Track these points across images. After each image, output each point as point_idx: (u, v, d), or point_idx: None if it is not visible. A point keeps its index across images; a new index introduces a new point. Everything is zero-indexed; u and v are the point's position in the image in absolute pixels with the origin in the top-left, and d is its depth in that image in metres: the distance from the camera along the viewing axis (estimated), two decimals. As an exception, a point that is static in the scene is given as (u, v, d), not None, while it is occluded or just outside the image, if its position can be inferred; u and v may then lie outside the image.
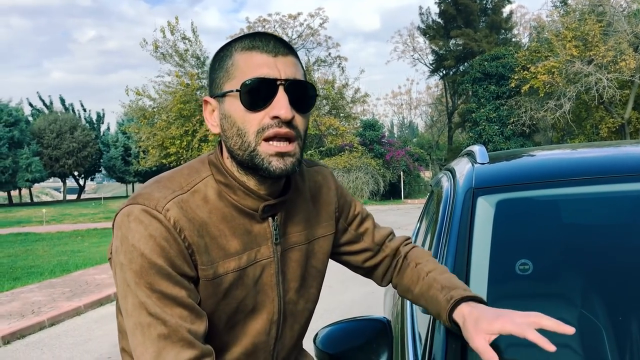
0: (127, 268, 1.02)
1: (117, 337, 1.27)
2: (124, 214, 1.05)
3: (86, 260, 11.45)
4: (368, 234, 1.39)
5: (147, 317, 1.01)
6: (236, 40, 1.10)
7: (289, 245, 1.21)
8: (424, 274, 1.30)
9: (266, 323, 1.19)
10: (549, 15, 26.80)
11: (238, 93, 1.05)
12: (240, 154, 1.08)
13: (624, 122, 24.17)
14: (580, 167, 1.79)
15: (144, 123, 28.06)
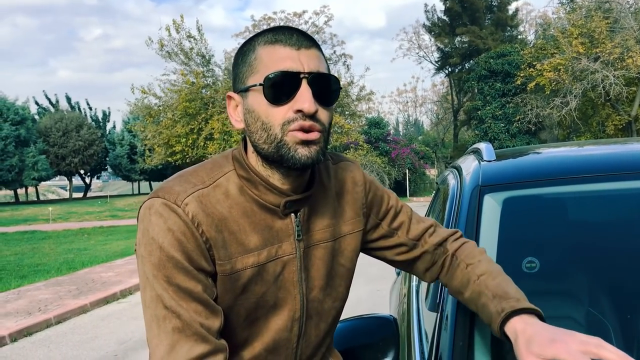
0: (147, 260, 1.03)
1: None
2: (146, 207, 1.07)
3: (92, 258, 11.49)
4: (402, 228, 1.34)
5: (163, 310, 1.02)
6: (259, 34, 1.10)
7: (313, 243, 1.19)
8: (474, 277, 1.23)
9: (288, 320, 1.17)
10: (555, 12, 26.71)
11: (261, 87, 1.05)
12: (266, 148, 1.07)
13: (630, 119, 24.03)
14: (587, 165, 1.79)
15: (150, 121, 28.07)
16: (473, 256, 1.28)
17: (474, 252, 1.30)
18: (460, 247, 1.32)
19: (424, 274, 1.35)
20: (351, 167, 1.32)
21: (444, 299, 1.39)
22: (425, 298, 1.68)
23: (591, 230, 1.68)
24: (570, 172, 1.70)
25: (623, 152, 2.02)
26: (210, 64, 28.23)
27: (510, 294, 1.14)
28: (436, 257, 1.33)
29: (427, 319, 1.55)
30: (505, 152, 2.14)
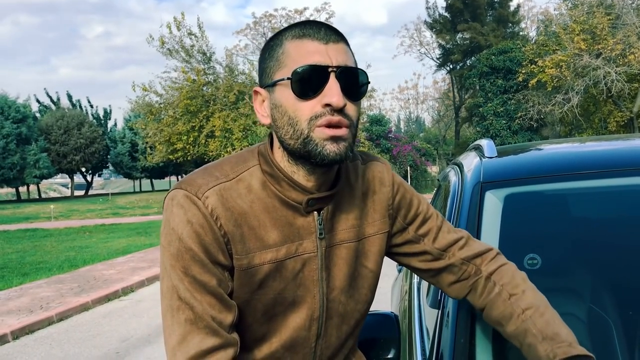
0: (166, 250, 1.05)
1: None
2: (169, 198, 1.08)
3: (94, 255, 11.50)
4: (429, 235, 1.26)
5: (177, 300, 1.03)
6: (287, 29, 1.09)
7: (336, 242, 1.17)
8: (519, 310, 1.14)
9: (306, 319, 1.16)
10: (557, 9, 26.67)
11: (289, 81, 1.04)
12: (292, 143, 1.06)
13: (632, 115, 23.98)
14: (589, 161, 1.78)
15: (151, 119, 28.08)
16: (516, 285, 1.19)
17: (516, 279, 1.21)
18: (497, 269, 1.23)
19: (448, 288, 1.27)
20: (380, 167, 1.28)
21: (444, 296, 1.39)
22: (426, 295, 1.68)
23: (593, 227, 1.68)
24: (572, 168, 1.69)
25: (624, 148, 2.02)
26: (211, 61, 28.22)
27: (562, 336, 1.08)
28: (464, 274, 1.24)
29: (428, 316, 1.54)
30: (507, 148, 2.13)
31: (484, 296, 1.21)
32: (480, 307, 1.23)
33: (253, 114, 26.78)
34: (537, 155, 2.04)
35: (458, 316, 1.27)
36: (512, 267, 1.24)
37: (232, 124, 26.38)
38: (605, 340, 1.35)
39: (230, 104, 27.12)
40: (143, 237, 14.57)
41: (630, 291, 1.45)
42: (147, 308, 7.26)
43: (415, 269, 1.30)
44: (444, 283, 1.27)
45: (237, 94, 26.98)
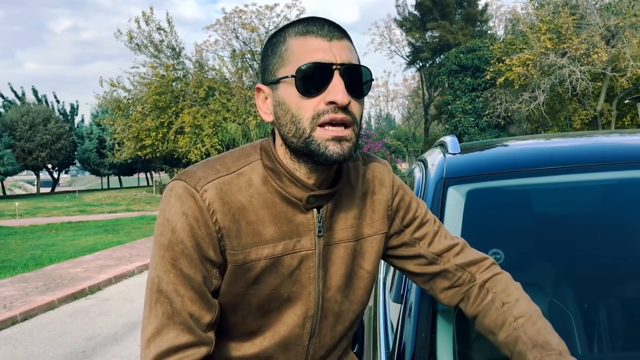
0: (157, 240, 1.06)
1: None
2: (168, 188, 1.08)
3: (60, 253, 11.29)
4: (425, 239, 1.25)
5: (158, 292, 1.04)
6: (289, 25, 1.08)
7: (334, 241, 1.16)
8: (511, 318, 1.14)
9: (301, 316, 1.15)
10: (524, 8, 27.03)
11: (293, 79, 1.03)
12: (295, 142, 1.06)
13: (596, 114, 24.51)
14: (550, 157, 1.82)
15: (119, 115, 27.72)
16: (509, 293, 1.19)
17: (510, 287, 1.21)
18: (491, 277, 1.23)
19: (441, 294, 1.25)
20: (380, 168, 1.27)
21: (407, 290, 1.41)
22: (389, 290, 1.69)
23: (554, 222, 1.72)
24: (534, 164, 1.73)
25: (585, 145, 2.06)
26: (180, 56, 27.96)
27: (552, 344, 1.08)
28: (458, 281, 1.23)
29: (392, 310, 1.56)
30: (470, 145, 2.17)
31: (476, 304, 1.21)
32: (472, 315, 1.22)
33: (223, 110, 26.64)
34: (499, 151, 2.08)
35: (420, 311, 1.29)
36: (507, 276, 1.23)
37: (202, 120, 26.18)
38: (565, 332, 1.37)
39: (200, 100, 26.90)
40: (111, 235, 14.36)
41: (590, 284, 1.49)
42: (114, 306, 7.16)
43: (409, 273, 1.29)
44: (437, 289, 1.25)
45: (207, 90, 26.77)
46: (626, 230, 1.60)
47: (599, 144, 2.06)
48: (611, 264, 1.50)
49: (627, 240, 1.58)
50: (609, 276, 1.49)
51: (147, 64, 27.12)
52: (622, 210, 1.68)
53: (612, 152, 1.87)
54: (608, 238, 1.58)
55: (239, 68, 28.80)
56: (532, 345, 1.08)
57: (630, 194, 1.71)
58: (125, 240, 13.14)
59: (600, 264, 1.51)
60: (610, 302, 1.44)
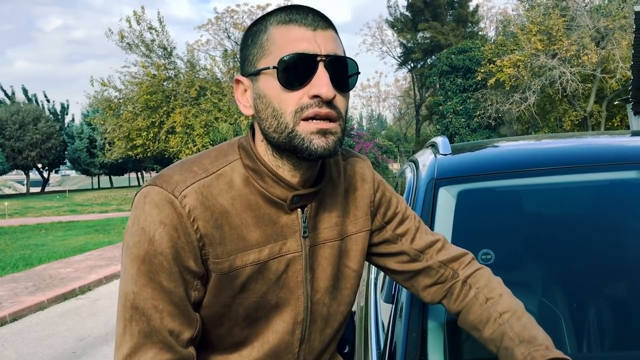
0: (131, 251, 0.97)
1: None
2: (141, 194, 0.99)
3: (50, 254, 11.23)
4: (407, 236, 1.22)
5: (133, 309, 0.96)
6: (271, 13, 1.02)
7: (320, 241, 1.11)
8: (496, 314, 1.12)
9: (290, 322, 1.09)
10: (515, 9, 27.27)
11: (274, 70, 0.97)
12: (277, 137, 1.00)
13: (586, 115, 24.68)
14: (540, 158, 1.83)
15: (110, 114, 27.63)
16: (492, 289, 1.17)
17: (492, 283, 1.19)
18: (473, 273, 1.20)
19: (424, 292, 1.22)
20: (361, 164, 1.23)
21: (398, 290, 1.41)
22: (381, 290, 1.70)
23: (544, 222, 1.73)
24: (524, 165, 1.74)
25: (575, 146, 2.08)
26: (172, 56, 27.91)
27: (539, 339, 1.06)
28: (441, 277, 1.21)
29: (384, 311, 1.57)
30: (461, 146, 2.18)
31: (460, 300, 1.18)
32: (456, 312, 1.19)
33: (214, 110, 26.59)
34: (490, 152, 2.09)
35: (411, 311, 1.30)
36: (488, 271, 1.22)
37: (193, 120, 26.13)
38: (555, 332, 1.39)
39: (192, 100, 26.86)
40: (101, 235, 14.30)
41: (580, 285, 1.50)
42: (104, 306, 7.13)
43: (391, 271, 1.25)
44: (419, 286, 1.22)
45: (198, 90, 26.74)
46: (615, 231, 1.62)
47: (588, 145, 2.07)
48: (601, 264, 1.51)
49: (617, 240, 1.59)
50: (599, 276, 1.50)
51: (138, 63, 27.06)
52: (612, 211, 1.69)
53: (601, 153, 1.88)
54: (598, 238, 1.59)
55: (230, 68, 28.76)
56: (519, 341, 1.05)
57: (620, 195, 1.72)
58: (116, 240, 13.08)
59: (589, 264, 1.52)
60: (599, 302, 1.45)
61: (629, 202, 1.69)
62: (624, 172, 1.71)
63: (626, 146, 2.04)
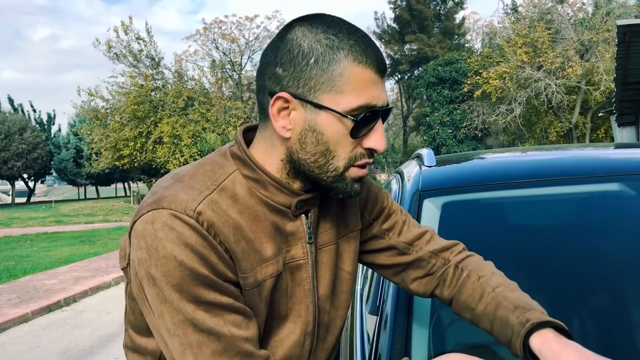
0: (164, 283, 0.88)
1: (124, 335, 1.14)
2: (146, 222, 0.91)
3: (35, 265, 11.10)
4: (395, 230, 1.21)
5: (197, 334, 0.90)
6: (342, 39, 0.94)
7: (319, 246, 1.08)
8: (489, 289, 1.10)
9: (300, 334, 1.05)
10: (501, 22, 27.50)
11: (348, 119, 0.93)
12: (317, 172, 0.98)
13: (571, 126, 24.94)
14: (524, 170, 1.85)
15: (97, 124, 27.55)
16: (483, 268, 1.16)
17: (482, 264, 1.18)
18: (465, 258, 1.20)
19: (415, 284, 1.21)
20: None
21: (383, 302, 1.42)
22: (366, 302, 1.70)
23: (529, 234, 1.74)
24: (507, 177, 1.76)
25: (559, 158, 2.10)
26: (159, 66, 27.92)
27: (534, 306, 1.04)
28: (432, 268, 1.20)
29: (369, 322, 1.57)
30: (446, 157, 2.19)
31: (453, 284, 1.17)
32: (449, 298, 1.17)
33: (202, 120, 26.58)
34: (474, 164, 2.11)
35: (395, 322, 1.30)
36: (478, 256, 1.22)
37: (181, 130, 26.11)
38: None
39: (179, 110, 26.85)
40: (87, 246, 14.18)
41: (564, 296, 1.51)
42: (90, 319, 7.06)
43: (379, 266, 1.24)
44: (410, 279, 1.21)
45: (186, 100, 26.74)
46: (599, 243, 1.63)
47: (571, 158, 2.10)
48: (585, 276, 1.52)
49: (600, 252, 1.60)
50: (583, 288, 1.51)
51: (125, 73, 27.06)
52: (596, 223, 1.71)
53: (584, 165, 1.90)
54: (582, 250, 1.60)
55: (218, 78, 28.80)
56: (514, 308, 1.04)
57: (604, 207, 1.74)
58: (102, 252, 12.98)
59: (573, 275, 1.54)
60: (583, 314, 1.46)
61: (612, 214, 1.71)
62: (607, 184, 1.73)
63: (609, 159, 2.07)
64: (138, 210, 0.95)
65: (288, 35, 0.96)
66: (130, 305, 1.06)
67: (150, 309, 0.94)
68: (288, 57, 0.94)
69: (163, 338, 0.94)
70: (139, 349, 1.09)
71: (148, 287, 0.91)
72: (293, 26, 0.97)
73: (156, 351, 1.05)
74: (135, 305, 1.03)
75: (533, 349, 0.98)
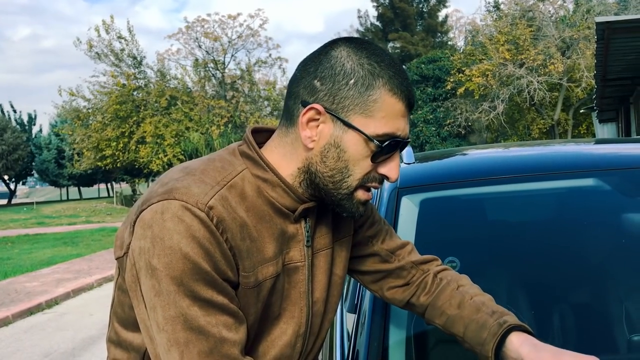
0: (163, 274, 0.89)
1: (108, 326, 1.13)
2: (156, 211, 0.91)
3: (16, 267, 10.99)
4: (378, 237, 1.23)
5: (186, 332, 0.90)
6: (383, 68, 0.99)
7: (315, 250, 1.10)
8: (468, 297, 1.15)
9: (292, 335, 1.06)
10: (483, 20, 27.62)
11: (374, 143, 0.97)
12: (329, 187, 1.00)
13: (553, 123, 25.19)
14: (502, 166, 1.85)
15: (78, 124, 27.32)
16: (462, 278, 1.22)
17: (460, 276, 1.23)
18: (443, 270, 1.25)
19: (390, 291, 1.23)
20: None
21: (361, 300, 1.41)
22: (344, 300, 1.70)
23: (508, 230, 1.75)
24: (485, 173, 1.76)
25: (537, 154, 2.11)
26: (142, 65, 27.73)
27: (510, 313, 1.11)
28: (412, 278, 1.23)
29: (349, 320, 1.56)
30: (426, 154, 2.20)
31: (431, 291, 1.20)
32: (425, 304, 1.20)
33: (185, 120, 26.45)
34: (453, 161, 2.11)
35: (373, 320, 1.30)
36: (455, 272, 1.26)
37: (164, 130, 25.96)
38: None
39: (162, 110, 26.70)
40: (69, 247, 14.05)
41: (543, 291, 1.51)
42: (72, 321, 6.99)
43: (361, 273, 1.25)
44: (388, 286, 1.23)
45: (169, 99, 26.59)
46: (578, 238, 1.64)
47: (550, 153, 2.11)
48: (564, 271, 1.53)
49: (580, 247, 1.61)
50: (563, 282, 1.52)
51: (107, 72, 26.83)
52: (575, 218, 1.72)
53: (563, 161, 1.91)
54: (561, 245, 1.61)
55: (201, 77, 28.67)
56: (492, 312, 1.10)
57: (583, 202, 1.75)
58: (85, 253, 12.87)
59: (553, 270, 1.54)
60: (563, 308, 1.47)
61: (591, 208, 1.72)
62: (586, 179, 1.74)
63: (589, 153, 2.08)
64: (146, 199, 0.95)
65: (333, 52, 0.99)
66: (119, 297, 1.05)
67: (143, 301, 0.93)
68: (329, 73, 0.98)
69: (150, 332, 0.94)
70: (123, 344, 1.08)
71: (145, 277, 0.91)
72: (339, 45, 1.00)
73: (141, 347, 1.04)
74: (124, 298, 1.02)
75: (510, 347, 1.04)
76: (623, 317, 1.41)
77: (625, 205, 1.73)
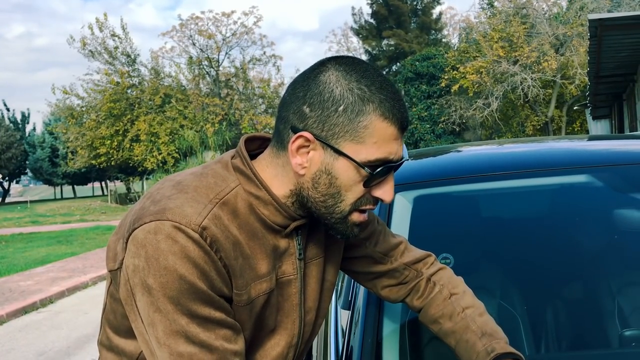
0: (160, 294, 0.89)
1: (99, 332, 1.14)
2: (148, 231, 0.91)
3: (10, 266, 10.94)
4: (371, 239, 1.23)
5: (188, 346, 0.90)
6: (374, 92, 0.96)
7: (307, 260, 1.10)
8: (459, 309, 1.16)
9: (285, 346, 1.07)
10: (477, 17, 27.67)
11: (365, 170, 0.96)
12: (322, 211, 1.00)
13: (547, 120, 25.26)
14: (496, 163, 1.86)
15: (72, 123, 27.21)
16: (456, 285, 1.21)
17: (455, 280, 1.23)
18: (437, 271, 1.24)
19: (384, 290, 1.24)
20: None
21: (355, 296, 1.42)
22: (338, 297, 1.70)
23: (501, 226, 1.75)
24: (479, 170, 1.76)
25: (531, 150, 2.12)
26: (136, 63, 27.62)
27: (499, 334, 1.12)
28: (405, 279, 1.23)
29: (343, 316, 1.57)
30: (419, 151, 2.20)
31: (424, 296, 1.21)
32: (418, 307, 1.22)
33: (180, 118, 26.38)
34: (446, 158, 2.12)
35: (367, 317, 1.31)
36: (450, 271, 1.25)
37: (158, 128, 25.88)
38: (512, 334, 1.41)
39: (156, 107, 26.61)
40: (64, 246, 14.01)
41: (536, 287, 1.52)
42: (66, 319, 6.98)
43: (355, 272, 1.26)
44: (382, 286, 1.24)
45: (163, 97, 26.50)
46: (572, 234, 1.65)
47: (544, 150, 2.11)
48: (557, 267, 1.54)
49: (573, 243, 1.62)
50: (555, 279, 1.53)
51: (101, 70, 26.72)
52: (568, 214, 1.73)
53: (557, 157, 1.92)
54: (554, 241, 1.62)
55: (195, 75, 28.58)
56: (482, 334, 1.10)
57: (576, 198, 1.76)
58: (79, 251, 12.83)
59: (546, 267, 1.55)
60: (556, 304, 1.48)
61: (585, 205, 1.73)
62: (579, 175, 1.74)
63: (583, 150, 2.09)
64: (138, 217, 0.94)
65: (321, 76, 0.97)
66: (112, 305, 1.05)
67: (139, 316, 0.93)
68: (318, 100, 0.95)
69: (150, 346, 0.94)
70: (115, 349, 1.08)
71: (141, 295, 0.91)
72: (328, 68, 0.98)
73: (134, 353, 1.04)
74: (117, 306, 1.02)
75: None
76: (615, 312, 1.42)
77: (618, 201, 1.74)
